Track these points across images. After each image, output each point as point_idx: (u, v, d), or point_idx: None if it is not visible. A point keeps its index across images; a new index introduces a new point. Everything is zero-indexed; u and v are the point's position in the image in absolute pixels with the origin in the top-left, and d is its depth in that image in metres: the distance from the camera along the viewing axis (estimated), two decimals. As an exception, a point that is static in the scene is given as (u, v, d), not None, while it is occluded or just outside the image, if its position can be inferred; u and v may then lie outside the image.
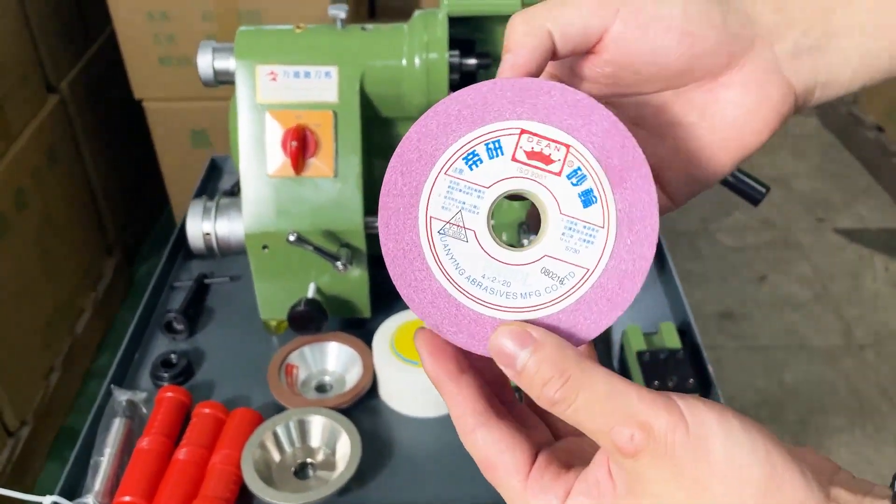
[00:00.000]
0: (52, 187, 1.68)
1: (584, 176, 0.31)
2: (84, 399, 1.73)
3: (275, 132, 0.80)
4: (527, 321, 0.31)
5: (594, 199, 0.31)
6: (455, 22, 0.81)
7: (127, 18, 1.64)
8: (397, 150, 0.31)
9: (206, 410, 0.75)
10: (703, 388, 0.79)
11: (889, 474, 0.30)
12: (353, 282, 0.84)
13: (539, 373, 0.29)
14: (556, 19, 0.32)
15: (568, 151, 0.30)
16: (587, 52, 0.33)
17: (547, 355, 0.29)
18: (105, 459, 0.72)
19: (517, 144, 0.31)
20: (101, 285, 1.88)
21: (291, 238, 0.77)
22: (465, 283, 0.31)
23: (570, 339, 0.31)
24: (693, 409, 0.28)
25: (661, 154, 0.35)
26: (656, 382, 0.76)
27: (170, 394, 0.77)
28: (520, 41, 0.32)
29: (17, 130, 1.56)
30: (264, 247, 0.81)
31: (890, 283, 2.08)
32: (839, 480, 0.29)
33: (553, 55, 0.32)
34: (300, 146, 0.78)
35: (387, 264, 0.31)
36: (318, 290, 0.84)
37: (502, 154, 0.31)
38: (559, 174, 0.31)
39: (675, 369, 0.78)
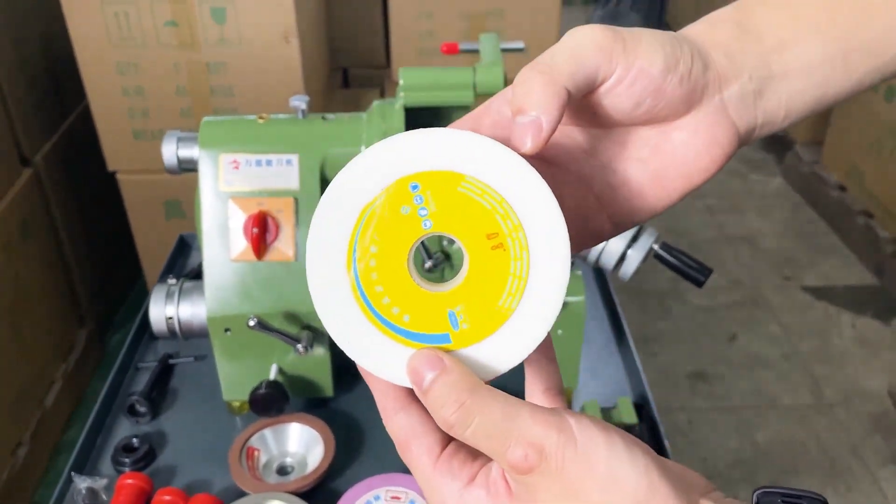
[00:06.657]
0: (24, 260, 1.68)
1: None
2: (52, 473, 1.71)
3: (237, 218, 0.82)
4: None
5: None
6: (412, 112, 0.84)
7: (102, 93, 1.67)
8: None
9: (167, 497, 0.75)
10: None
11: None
12: (315, 362, 0.86)
13: (439, 396, 0.31)
14: (571, 76, 0.31)
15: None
16: None
17: (449, 381, 0.31)
18: (62, 550, 0.72)
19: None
20: (73, 356, 1.87)
21: (251, 323, 0.79)
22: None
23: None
24: (583, 427, 0.30)
25: (611, 182, 0.36)
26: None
27: (130, 481, 0.77)
28: (545, 102, 0.31)
29: (-11, 205, 1.57)
30: (226, 330, 0.83)
31: (857, 340, 2.12)
32: (709, 496, 0.32)
33: None
34: (261, 232, 0.81)
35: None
36: (281, 371, 0.86)
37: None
38: None
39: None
